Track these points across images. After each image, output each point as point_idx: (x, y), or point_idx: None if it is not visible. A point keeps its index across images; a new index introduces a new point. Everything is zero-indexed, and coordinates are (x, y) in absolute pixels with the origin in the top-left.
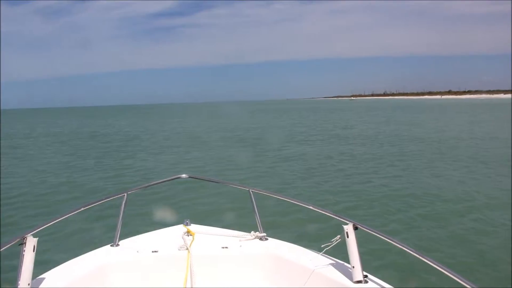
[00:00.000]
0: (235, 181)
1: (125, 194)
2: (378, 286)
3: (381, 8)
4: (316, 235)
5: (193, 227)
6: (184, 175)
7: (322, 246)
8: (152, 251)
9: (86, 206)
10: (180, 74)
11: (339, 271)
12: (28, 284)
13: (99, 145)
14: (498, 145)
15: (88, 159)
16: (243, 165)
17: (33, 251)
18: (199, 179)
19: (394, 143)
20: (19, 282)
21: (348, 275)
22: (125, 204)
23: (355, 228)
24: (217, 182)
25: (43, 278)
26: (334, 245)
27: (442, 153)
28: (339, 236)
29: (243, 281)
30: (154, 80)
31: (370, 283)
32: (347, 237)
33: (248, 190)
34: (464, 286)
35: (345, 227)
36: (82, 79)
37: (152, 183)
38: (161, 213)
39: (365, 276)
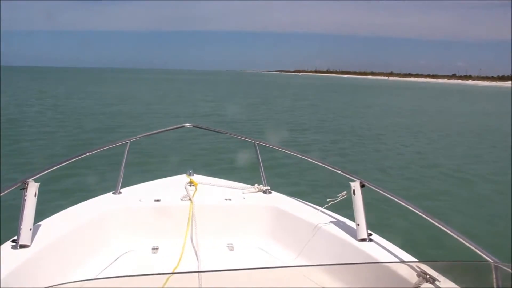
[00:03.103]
0: (241, 132)
1: (128, 141)
2: (382, 245)
3: None
4: (322, 191)
5: (196, 178)
6: (188, 124)
7: (328, 200)
8: (155, 200)
9: (88, 152)
10: (121, 38)
11: (343, 228)
12: (30, 229)
13: None
14: None
15: None
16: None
17: (35, 196)
18: (204, 129)
19: None
20: (21, 227)
21: (353, 232)
22: (127, 151)
23: (362, 186)
24: (221, 133)
25: (45, 224)
26: (339, 201)
27: None
28: (345, 192)
29: (246, 233)
30: (95, 43)
31: (374, 242)
32: (354, 194)
33: (254, 142)
34: (471, 248)
35: (352, 184)
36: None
37: (155, 131)
38: (164, 162)
39: (370, 235)
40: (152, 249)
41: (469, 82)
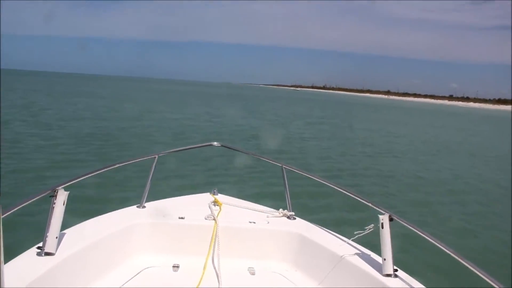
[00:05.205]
0: (268, 155)
1: (156, 156)
2: (408, 282)
3: (321, 3)
4: (347, 222)
5: (220, 197)
6: (216, 143)
7: (355, 233)
8: (179, 217)
9: (118, 164)
10: (115, 46)
11: (368, 261)
12: (56, 237)
13: None
14: None
15: None
16: None
17: (63, 204)
18: (231, 149)
19: None
20: (47, 234)
21: (378, 267)
22: (155, 166)
23: (391, 220)
24: (248, 154)
25: (69, 233)
26: (366, 234)
27: None
28: (372, 225)
29: (268, 258)
30: (88, 50)
31: (399, 278)
32: (382, 228)
33: (281, 166)
34: None
35: (380, 217)
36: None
37: (183, 148)
38: (189, 179)
39: (395, 270)
40: (173, 266)
41: (471, 104)
